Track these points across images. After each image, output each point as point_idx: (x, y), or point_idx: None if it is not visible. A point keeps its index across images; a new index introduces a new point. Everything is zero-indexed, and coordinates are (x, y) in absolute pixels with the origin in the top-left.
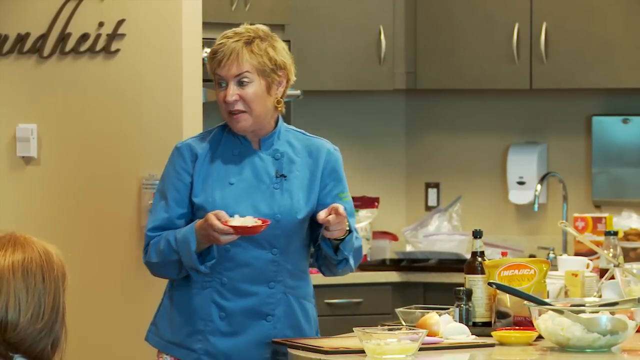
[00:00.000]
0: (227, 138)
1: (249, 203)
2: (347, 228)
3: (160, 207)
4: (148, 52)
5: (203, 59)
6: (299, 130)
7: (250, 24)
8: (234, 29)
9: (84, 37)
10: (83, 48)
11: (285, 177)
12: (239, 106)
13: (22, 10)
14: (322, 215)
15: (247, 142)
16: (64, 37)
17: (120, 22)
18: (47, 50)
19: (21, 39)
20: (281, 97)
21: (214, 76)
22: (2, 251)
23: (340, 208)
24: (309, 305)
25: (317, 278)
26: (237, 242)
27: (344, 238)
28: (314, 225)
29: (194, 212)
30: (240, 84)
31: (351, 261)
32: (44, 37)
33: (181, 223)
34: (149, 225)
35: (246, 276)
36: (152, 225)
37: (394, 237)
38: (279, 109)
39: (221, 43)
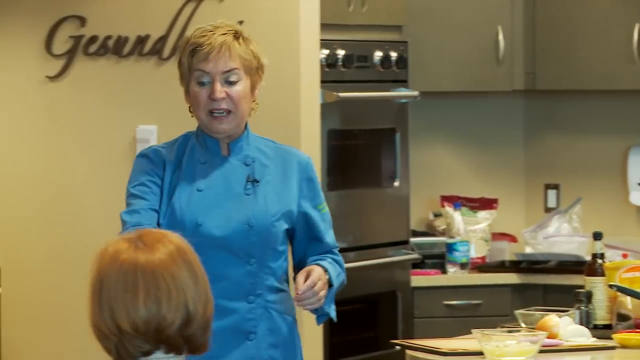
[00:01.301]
0: (193, 146)
1: (220, 210)
2: (327, 280)
3: (135, 203)
4: (266, 53)
5: (321, 60)
6: (267, 138)
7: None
8: (210, 24)
9: None
10: None
11: (257, 182)
12: (225, 105)
13: (142, 12)
14: (299, 286)
15: (217, 148)
16: None
17: (239, 24)
18: (166, 52)
19: (141, 40)
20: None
21: (192, 72)
22: (156, 246)
23: (315, 274)
24: (294, 323)
25: (435, 279)
26: (209, 253)
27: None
28: (294, 240)
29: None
30: (228, 82)
31: (333, 314)
32: (163, 39)
33: (155, 217)
34: (126, 220)
35: (222, 291)
36: (129, 209)
37: (513, 239)
38: (252, 114)
39: (204, 36)
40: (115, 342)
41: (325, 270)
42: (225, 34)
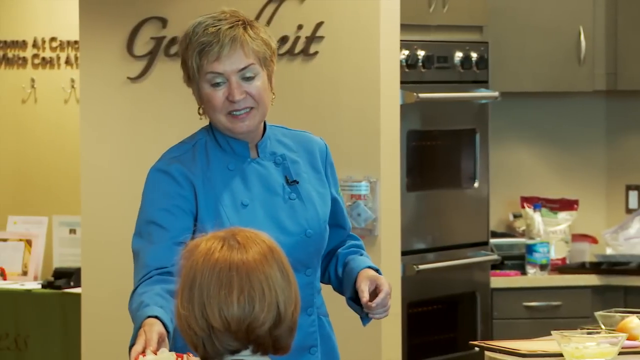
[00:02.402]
0: (214, 153)
1: (272, 223)
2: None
3: (156, 235)
4: (346, 54)
5: (401, 61)
6: (280, 126)
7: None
8: (210, 16)
9: (284, 39)
10: (282, 50)
11: (297, 182)
12: (247, 104)
13: None
14: (365, 295)
15: (245, 150)
16: None
17: (319, 25)
18: None
19: None
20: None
21: (203, 74)
22: (249, 245)
23: (386, 287)
24: (329, 320)
25: (514, 280)
26: None
27: None
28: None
29: None
30: (245, 78)
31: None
32: None
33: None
34: (147, 259)
35: None
36: (149, 240)
37: (593, 240)
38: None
39: (210, 33)
40: (203, 338)
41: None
42: (232, 26)
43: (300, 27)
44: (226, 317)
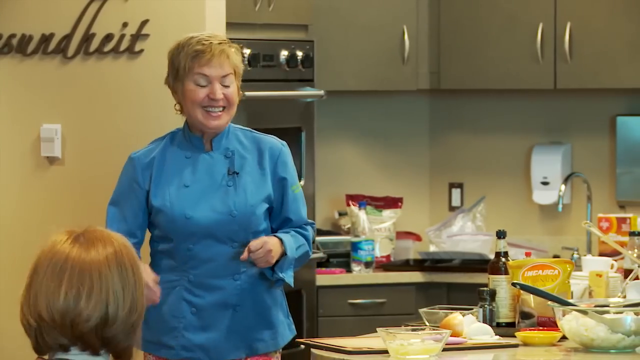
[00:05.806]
0: (179, 143)
1: (206, 203)
2: (282, 250)
3: (118, 218)
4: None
5: None
6: (246, 128)
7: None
8: (202, 34)
9: (108, 37)
10: (107, 48)
11: (237, 174)
12: (222, 103)
13: (47, 10)
14: (244, 255)
15: (200, 144)
16: (88, 38)
17: (144, 23)
18: (71, 51)
19: (45, 39)
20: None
21: (191, 74)
22: (94, 247)
23: (253, 246)
24: (277, 292)
25: (339, 278)
26: (198, 240)
27: (278, 260)
28: (271, 217)
29: (152, 216)
30: (224, 84)
31: (288, 279)
32: (68, 38)
33: (140, 234)
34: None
35: (211, 271)
36: (111, 218)
37: (417, 238)
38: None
39: (204, 44)
40: (35, 330)
41: (281, 241)
42: (221, 43)
43: (125, 24)
44: (52, 310)
